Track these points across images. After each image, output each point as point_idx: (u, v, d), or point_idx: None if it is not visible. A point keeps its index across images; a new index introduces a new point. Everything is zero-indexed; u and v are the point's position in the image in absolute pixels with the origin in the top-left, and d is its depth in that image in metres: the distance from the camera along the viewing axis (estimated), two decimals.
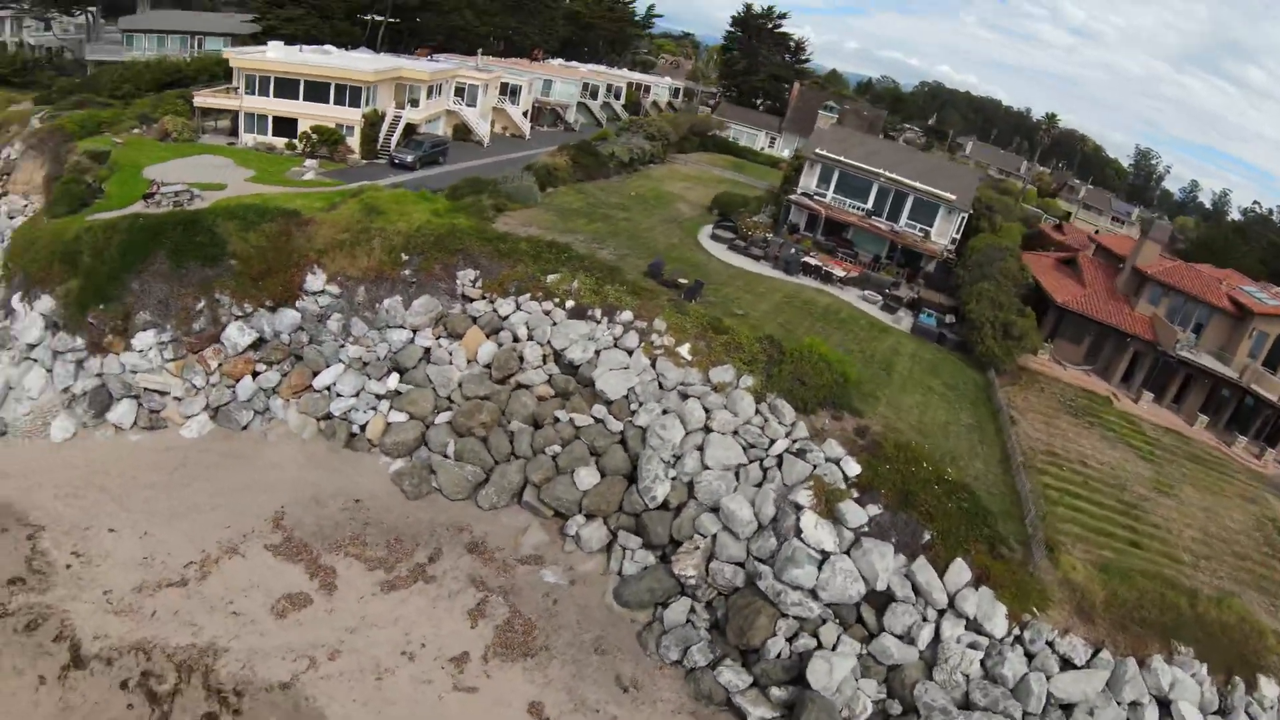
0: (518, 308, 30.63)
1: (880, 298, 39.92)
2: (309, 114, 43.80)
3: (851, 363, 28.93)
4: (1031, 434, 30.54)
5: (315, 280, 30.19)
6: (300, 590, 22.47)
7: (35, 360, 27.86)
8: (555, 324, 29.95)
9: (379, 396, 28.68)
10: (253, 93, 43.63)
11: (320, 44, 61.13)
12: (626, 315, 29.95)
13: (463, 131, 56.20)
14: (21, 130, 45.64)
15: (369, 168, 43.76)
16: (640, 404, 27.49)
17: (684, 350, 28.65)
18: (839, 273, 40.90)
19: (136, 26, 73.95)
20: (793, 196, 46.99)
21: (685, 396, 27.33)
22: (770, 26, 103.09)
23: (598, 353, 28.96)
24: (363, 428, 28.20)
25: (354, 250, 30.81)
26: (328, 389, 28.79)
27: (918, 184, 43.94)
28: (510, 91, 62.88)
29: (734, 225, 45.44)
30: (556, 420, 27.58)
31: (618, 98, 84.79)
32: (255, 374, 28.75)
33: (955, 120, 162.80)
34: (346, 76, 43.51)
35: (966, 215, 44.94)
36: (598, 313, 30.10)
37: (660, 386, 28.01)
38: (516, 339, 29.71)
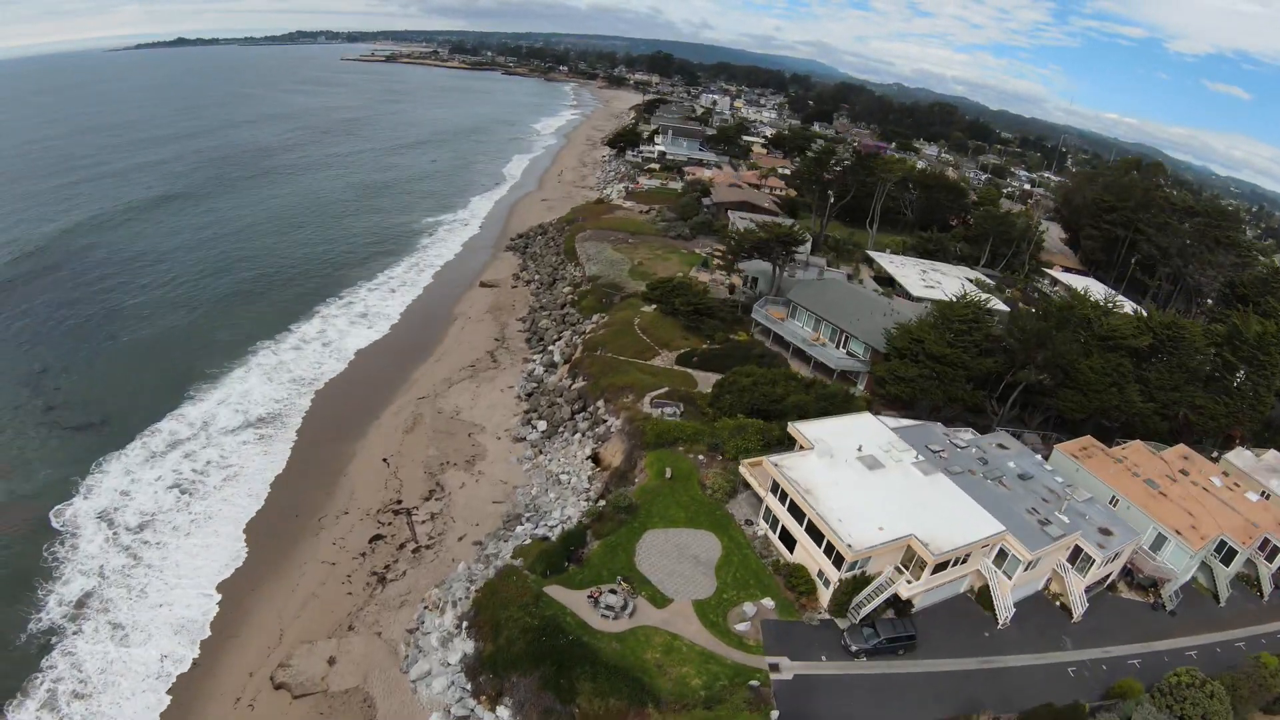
0: None
1: None
2: (803, 543, 48.21)
3: None
4: None
5: None
6: None
7: (446, 673, 42.94)
8: None
9: None
10: (774, 494, 50.28)
11: (938, 411, 61.97)
12: None
13: (986, 595, 49.14)
14: (634, 403, 62.11)
15: (820, 630, 44.02)
16: None
17: None
18: None
19: (800, 301, 77.84)
20: None
21: None
22: None
23: None
24: None
25: None
26: None
27: None
28: (1082, 558, 50.88)
29: None
30: None
31: (1271, 559, 59.10)
32: None
33: None
34: (835, 540, 45.05)
35: None
36: None
37: None
38: None
